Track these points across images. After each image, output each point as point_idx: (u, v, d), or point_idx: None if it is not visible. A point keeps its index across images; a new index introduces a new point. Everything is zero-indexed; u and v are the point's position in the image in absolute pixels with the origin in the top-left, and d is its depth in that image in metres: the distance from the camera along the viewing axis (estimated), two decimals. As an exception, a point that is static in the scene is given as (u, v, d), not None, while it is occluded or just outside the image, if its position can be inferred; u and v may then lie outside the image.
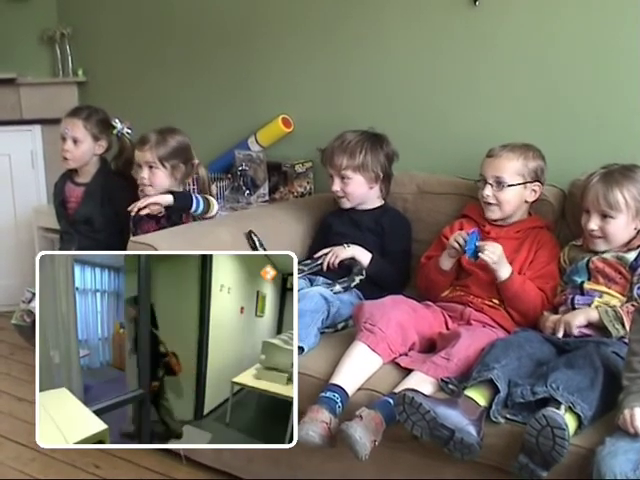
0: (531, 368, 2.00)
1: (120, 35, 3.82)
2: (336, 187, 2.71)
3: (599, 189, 2.23)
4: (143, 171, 2.80)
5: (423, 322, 2.28)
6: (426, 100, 2.97)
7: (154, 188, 2.81)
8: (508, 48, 2.76)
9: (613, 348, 2.01)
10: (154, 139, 2.79)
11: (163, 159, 2.78)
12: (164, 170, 2.79)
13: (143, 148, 2.79)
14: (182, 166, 2.83)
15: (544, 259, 2.39)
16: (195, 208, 2.73)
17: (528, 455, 1.81)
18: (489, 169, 2.46)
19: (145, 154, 2.79)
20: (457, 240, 2.36)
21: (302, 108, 3.28)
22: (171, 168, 2.80)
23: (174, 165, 2.81)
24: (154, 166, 2.79)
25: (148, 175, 2.79)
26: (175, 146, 2.81)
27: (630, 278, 2.19)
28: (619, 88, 2.57)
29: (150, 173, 2.79)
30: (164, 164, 2.79)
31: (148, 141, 2.79)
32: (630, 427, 1.70)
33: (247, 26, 3.39)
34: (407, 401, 1.90)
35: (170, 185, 2.82)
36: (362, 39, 3.08)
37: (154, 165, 2.78)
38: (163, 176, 2.80)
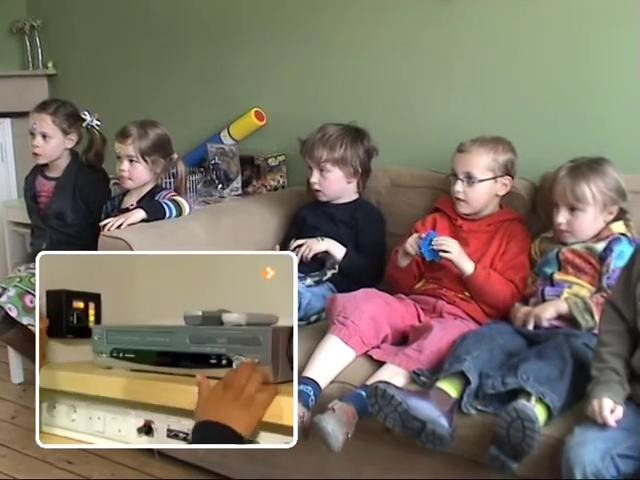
0: (502, 359, 2.02)
1: (91, 28, 3.79)
2: (314, 179, 2.70)
3: (567, 183, 2.25)
4: (123, 164, 2.77)
5: (396, 315, 2.29)
6: (399, 94, 2.98)
7: (133, 182, 2.79)
8: (480, 42, 2.77)
9: (583, 339, 2.03)
10: (136, 132, 2.77)
11: (144, 153, 2.76)
12: (144, 164, 2.77)
13: (125, 141, 2.76)
14: (162, 161, 2.81)
15: (515, 251, 2.41)
16: (169, 215, 2.70)
17: (499, 447, 1.83)
18: (460, 164, 2.47)
19: (127, 147, 2.76)
20: (413, 246, 2.38)
21: (275, 101, 3.28)
22: (151, 163, 2.78)
23: (154, 160, 2.78)
24: (135, 160, 2.76)
25: (128, 168, 2.77)
26: (156, 140, 2.79)
27: (599, 268, 2.22)
28: (589, 82, 2.59)
29: (130, 166, 2.77)
30: (145, 158, 2.76)
31: (130, 134, 2.76)
32: (598, 417, 1.72)
33: (220, 19, 3.38)
34: (379, 393, 1.91)
35: (149, 179, 2.81)
36: (335, 33, 3.08)
37: (135, 159, 2.76)
38: (143, 170, 2.78)
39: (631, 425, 1.73)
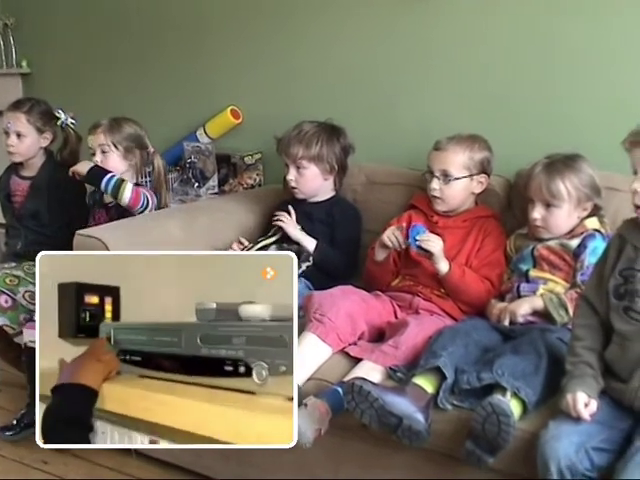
0: (478, 355, 2.03)
1: (66, 26, 3.76)
2: (291, 176, 2.70)
3: (542, 179, 2.26)
4: (96, 155, 2.76)
5: (372, 312, 2.30)
6: (375, 92, 2.98)
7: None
8: (455, 41, 2.78)
9: (557, 334, 2.05)
10: (106, 122, 2.77)
11: (116, 142, 2.75)
12: (117, 152, 2.76)
13: (95, 131, 2.76)
14: (137, 151, 2.80)
15: (490, 247, 2.43)
16: (104, 186, 2.68)
17: (475, 441, 1.84)
18: (436, 162, 2.48)
19: (98, 137, 2.75)
20: (390, 238, 2.39)
21: (251, 99, 3.27)
22: (124, 150, 2.76)
23: (128, 148, 2.77)
24: (107, 150, 2.75)
25: (101, 159, 2.76)
26: (129, 131, 2.79)
27: (574, 265, 2.23)
28: (563, 80, 2.61)
29: (103, 157, 2.76)
30: (117, 146, 2.75)
31: (100, 125, 2.76)
32: (573, 411, 1.73)
33: (195, 17, 3.37)
34: (355, 389, 1.92)
35: (125, 170, 2.79)
36: (311, 31, 3.08)
37: (107, 148, 2.75)
38: (117, 159, 2.76)
39: (605, 418, 1.74)
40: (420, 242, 2.32)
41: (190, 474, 2.44)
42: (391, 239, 2.39)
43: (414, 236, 2.34)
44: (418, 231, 2.35)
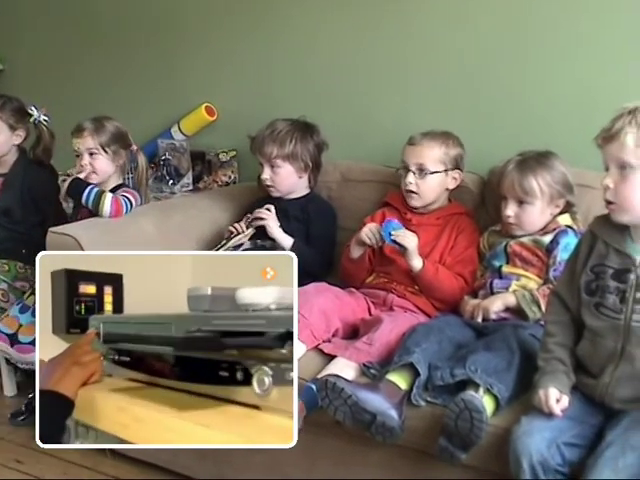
0: (451, 351, 2.04)
1: (39, 23, 3.72)
2: (265, 175, 2.70)
3: (514, 176, 2.28)
4: (84, 158, 2.73)
5: (346, 308, 2.30)
6: (349, 89, 2.98)
7: (98, 175, 2.75)
8: (431, 38, 2.79)
9: (530, 330, 2.06)
10: (92, 125, 2.74)
11: (104, 144, 2.73)
12: (106, 155, 2.74)
13: (82, 134, 2.73)
14: (122, 152, 2.79)
15: (464, 244, 2.44)
16: (85, 199, 2.67)
17: (448, 438, 1.85)
18: (411, 156, 2.49)
19: (85, 140, 2.73)
20: (367, 235, 2.39)
21: (226, 96, 3.26)
22: (112, 154, 2.75)
23: (115, 151, 2.76)
24: (96, 152, 2.73)
25: (89, 162, 2.74)
26: (113, 131, 2.77)
27: (546, 261, 2.25)
28: (536, 78, 2.62)
29: (91, 159, 2.74)
30: (105, 149, 2.73)
31: (85, 127, 2.74)
32: (545, 406, 1.74)
33: (170, 13, 3.35)
34: (329, 386, 1.92)
35: (113, 171, 2.78)
36: (287, 28, 3.07)
37: (96, 151, 2.73)
38: (105, 161, 2.75)
39: (576, 414, 1.76)
40: (395, 237, 2.33)
41: (167, 473, 2.43)
42: (369, 236, 2.39)
43: (389, 231, 2.34)
44: (393, 226, 2.36)
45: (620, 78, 2.46)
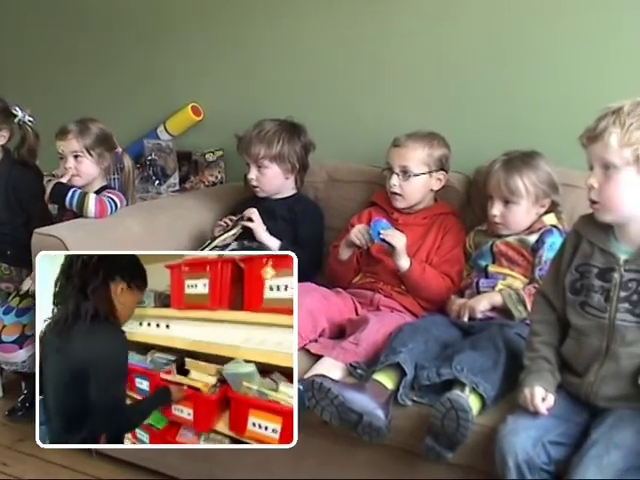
0: (437, 351, 2.04)
1: (22, 23, 3.70)
2: (252, 175, 2.70)
3: (500, 176, 2.29)
4: (68, 161, 2.72)
5: (333, 309, 2.30)
6: (336, 89, 2.98)
7: (82, 178, 2.73)
8: (416, 38, 2.79)
9: (516, 330, 2.07)
10: (76, 128, 2.73)
11: (89, 147, 2.72)
12: (91, 158, 2.73)
13: (66, 137, 2.72)
14: (107, 154, 2.77)
15: (450, 244, 2.44)
16: (69, 202, 2.66)
17: (434, 437, 1.85)
18: (395, 158, 2.49)
19: (70, 143, 2.71)
20: (357, 236, 2.39)
21: (212, 96, 3.25)
22: (97, 156, 2.74)
23: (100, 153, 2.74)
24: (81, 155, 2.72)
25: (74, 165, 2.73)
26: (98, 134, 2.75)
27: (532, 260, 2.26)
28: (521, 78, 2.63)
29: (76, 162, 2.73)
30: (90, 152, 2.72)
31: (70, 130, 2.72)
32: (530, 405, 1.75)
33: (155, 12, 3.34)
34: (316, 386, 1.92)
35: (97, 174, 2.77)
36: (273, 28, 3.07)
37: (80, 154, 2.72)
38: (90, 165, 2.74)
39: (562, 412, 1.76)
40: (384, 236, 2.33)
41: (152, 473, 2.42)
42: (358, 237, 2.39)
43: (378, 230, 2.35)
44: (383, 226, 2.36)
45: (604, 78, 2.47)
